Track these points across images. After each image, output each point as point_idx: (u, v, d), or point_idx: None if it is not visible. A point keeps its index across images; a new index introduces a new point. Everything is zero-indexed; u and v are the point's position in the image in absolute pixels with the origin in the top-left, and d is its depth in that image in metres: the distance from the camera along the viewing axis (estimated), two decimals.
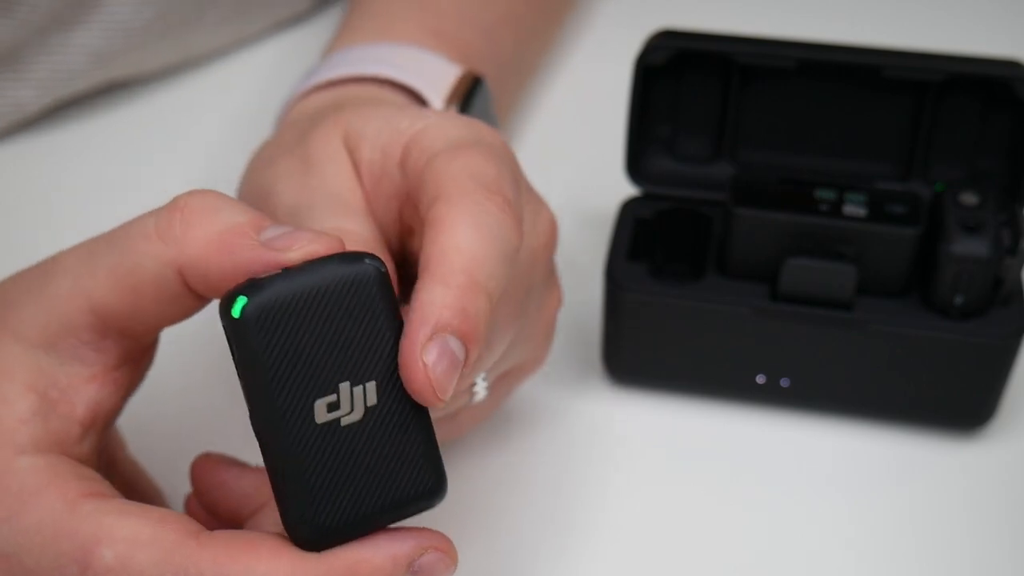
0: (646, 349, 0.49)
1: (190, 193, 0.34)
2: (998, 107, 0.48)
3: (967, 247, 0.45)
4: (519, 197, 0.38)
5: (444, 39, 0.52)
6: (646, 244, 0.48)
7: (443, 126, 0.39)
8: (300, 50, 0.67)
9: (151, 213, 0.34)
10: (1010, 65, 0.47)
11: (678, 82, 0.50)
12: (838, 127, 0.49)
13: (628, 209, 0.50)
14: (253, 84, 0.66)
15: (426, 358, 0.32)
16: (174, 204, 0.34)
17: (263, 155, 0.44)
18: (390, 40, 0.51)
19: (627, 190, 0.51)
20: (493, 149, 0.38)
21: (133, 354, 0.36)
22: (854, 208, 0.46)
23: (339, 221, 0.38)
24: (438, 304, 0.33)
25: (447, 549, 0.34)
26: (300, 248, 0.33)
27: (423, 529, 0.34)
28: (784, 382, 0.48)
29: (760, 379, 0.48)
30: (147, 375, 0.38)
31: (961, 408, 0.48)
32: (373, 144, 0.40)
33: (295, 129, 0.44)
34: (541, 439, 0.49)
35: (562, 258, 0.46)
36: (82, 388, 0.35)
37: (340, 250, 0.33)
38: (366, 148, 0.40)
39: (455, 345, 0.33)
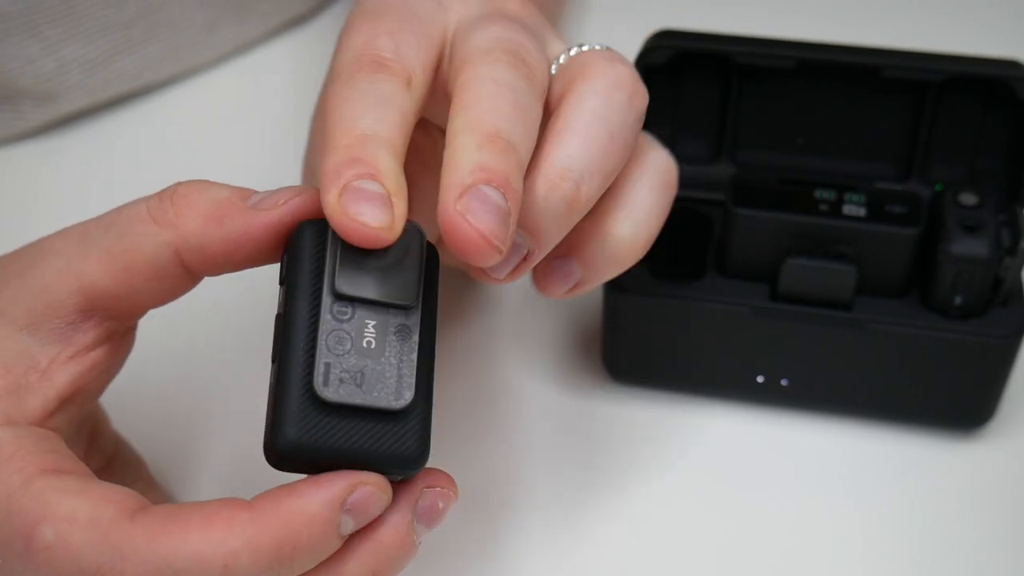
0: (646, 349, 0.49)
1: (178, 182, 0.35)
2: (998, 107, 0.48)
3: (967, 247, 0.45)
4: (539, 51, 0.38)
5: None
6: None
7: (465, 17, 0.39)
8: (304, 52, 0.67)
9: (142, 200, 0.35)
10: (1010, 65, 0.47)
11: (678, 82, 0.50)
12: (838, 127, 0.49)
13: None
14: (255, 86, 0.66)
15: (464, 211, 0.32)
16: (164, 191, 0.35)
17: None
18: None
19: None
20: (515, 16, 0.39)
21: (115, 335, 0.37)
22: (854, 208, 0.46)
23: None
24: (463, 165, 0.33)
25: (378, 483, 0.33)
26: (285, 203, 0.34)
27: (350, 471, 0.33)
28: (784, 382, 0.48)
29: (760, 379, 0.48)
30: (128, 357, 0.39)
31: (961, 408, 0.48)
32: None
33: None
34: (541, 438, 0.49)
35: None
36: (62, 367, 0.36)
37: (318, 202, 0.33)
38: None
39: (491, 192, 0.33)
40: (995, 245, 0.45)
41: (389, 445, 0.33)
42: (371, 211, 0.32)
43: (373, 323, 0.33)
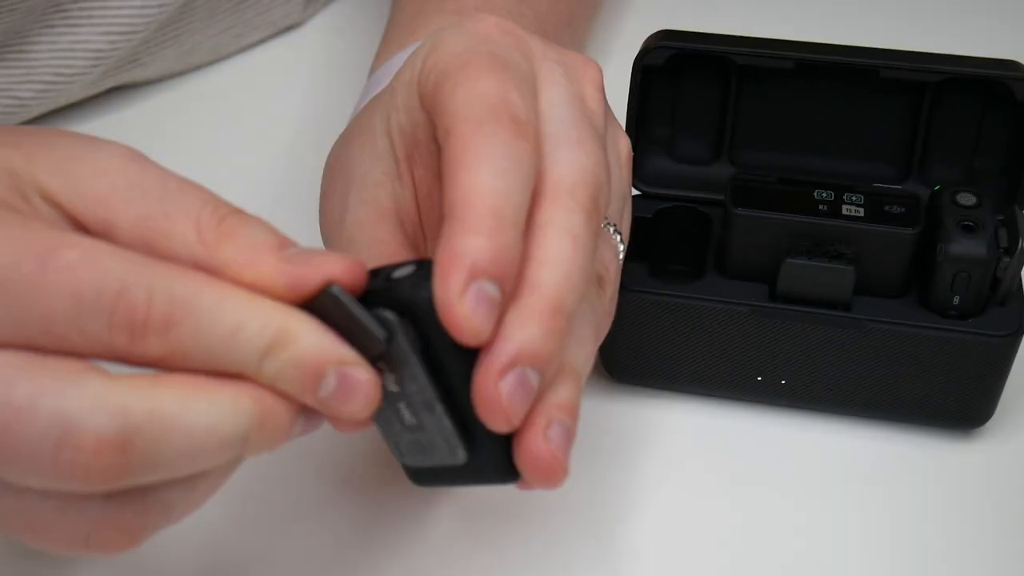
0: (646, 349, 0.49)
1: (233, 211, 0.34)
2: (996, 108, 0.48)
3: (965, 247, 0.45)
4: (529, 102, 0.37)
5: None
6: (646, 244, 0.49)
7: (447, 42, 0.38)
8: (297, 55, 0.68)
9: (200, 202, 0.34)
10: (1009, 65, 0.47)
11: (677, 83, 0.50)
12: (837, 128, 0.50)
13: None
14: (251, 88, 0.66)
15: (464, 310, 0.32)
16: (218, 211, 0.34)
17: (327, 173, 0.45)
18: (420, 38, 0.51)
19: None
20: (495, 55, 0.37)
21: None
22: (852, 208, 0.46)
23: (375, 232, 0.40)
24: (471, 251, 0.33)
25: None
26: (318, 267, 0.33)
27: None
28: (783, 381, 0.48)
29: (759, 378, 0.49)
30: None
31: (959, 408, 0.48)
32: (401, 106, 0.40)
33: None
34: None
35: None
36: None
37: (348, 268, 0.33)
38: (395, 118, 0.40)
39: (490, 288, 0.33)
40: (993, 245, 0.45)
41: (484, 477, 0.36)
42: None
43: (404, 404, 0.35)
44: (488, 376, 0.33)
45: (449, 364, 0.34)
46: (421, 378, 0.34)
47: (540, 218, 0.35)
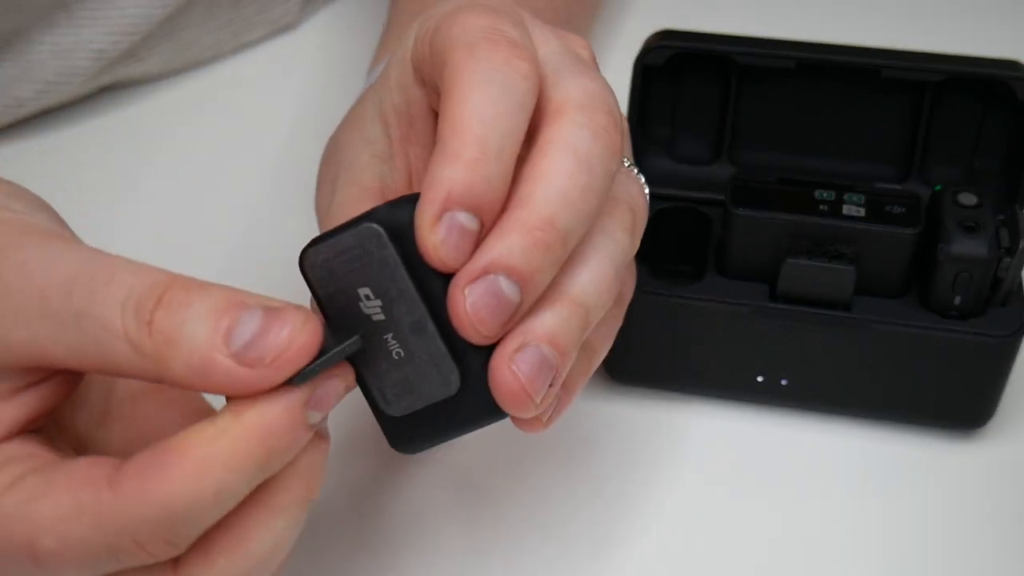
0: (646, 349, 0.49)
1: (157, 303, 0.32)
2: (997, 108, 0.48)
3: (966, 247, 0.45)
4: (525, 34, 0.36)
5: None
6: (646, 244, 0.48)
7: (436, 13, 0.37)
8: (295, 55, 0.68)
9: (119, 308, 0.32)
10: (1010, 65, 0.47)
11: (678, 82, 0.50)
12: (837, 127, 0.50)
13: None
14: (250, 88, 0.66)
15: (434, 237, 0.32)
16: (142, 308, 0.31)
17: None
18: None
19: None
20: (488, 5, 0.36)
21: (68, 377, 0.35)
22: (853, 208, 0.46)
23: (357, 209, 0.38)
24: (447, 180, 0.32)
25: (341, 374, 0.33)
26: (273, 364, 0.31)
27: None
28: (783, 382, 0.48)
29: (759, 379, 0.48)
30: None
31: (960, 408, 0.48)
32: (394, 85, 0.39)
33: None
34: (540, 438, 0.49)
35: None
36: (10, 399, 0.34)
37: (307, 345, 0.32)
38: (388, 98, 0.40)
39: (464, 218, 0.32)
40: (994, 245, 0.45)
41: (470, 414, 0.35)
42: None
43: (390, 335, 0.34)
44: (458, 282, 0.32)
45: (433, 290, 0.34)
46: (409, 294, 0.34)
47: (542, 137, 0.34)
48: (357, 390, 0.35)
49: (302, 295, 0.35)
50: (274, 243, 0.55)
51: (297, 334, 0.31)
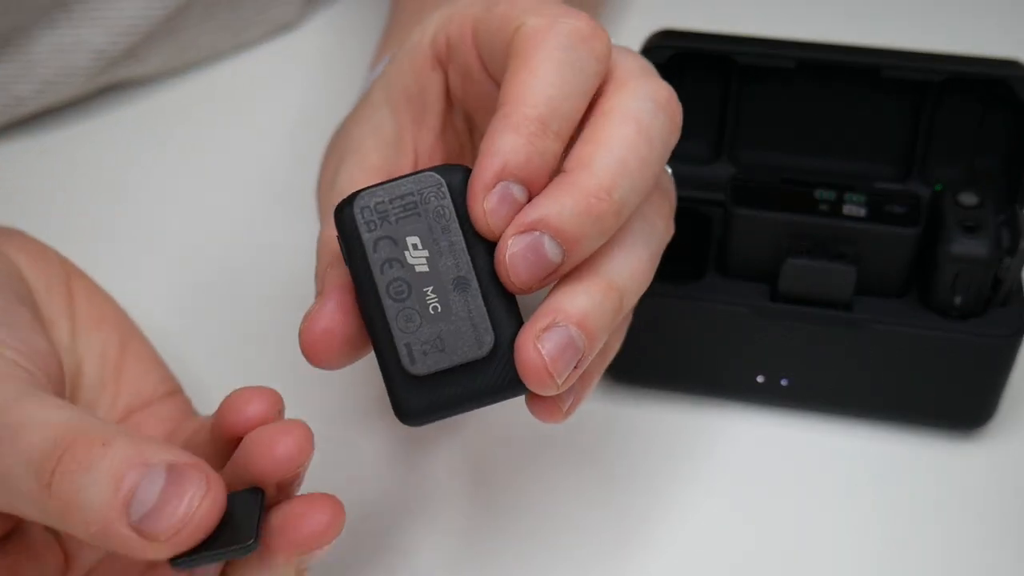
0: (646, 349, 0.49)
1: (57, 463, 0.30)
2: (997, 107, 0.48)
3: (966, 247, 0.45)
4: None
5: None
6: None
7: (460, 1, 0.38)
8: (295, 54, 0.68)
9: (24, 468, 0.30)
10: (1010, 65, 0.47)
11: (678, 82, 0.49)
12: (838, 127, 0.50)
13: None
14: (250, 87, 0.66)
15: (487, 204, 0.33)
16: (42, 476, 0.30)
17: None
18: None
19: None
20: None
21: None
22: (854, 208, 0.46)
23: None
24: (505, 150, 0.32)
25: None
26: (173, 543, 0.30)
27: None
28: (784, 382, 0.48)
29: (760, 379, 0.48)
30: None
31: (960, 408, 0.48)
32: (408, 69, 0.40)
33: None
34: (541, 439, 0.49)
35: None
36: None
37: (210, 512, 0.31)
38: (399, 83, 0.40)
39: (516, 190, 0.33)
40: (995, 245, 0.45)
41: (491, 383, 0.34)
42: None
43: (431, 287, 0.34)
44: (507, 234, 0.33)
45: (477, 253, 0.34)
46: (459, 248, 0.34)
47: (605, 104, 0.34)
48: (366, 374, 0.35)
49: (302, 295, 0.35)
50: (274, 243, 0.55)
51: (197, 508, 0.30)
